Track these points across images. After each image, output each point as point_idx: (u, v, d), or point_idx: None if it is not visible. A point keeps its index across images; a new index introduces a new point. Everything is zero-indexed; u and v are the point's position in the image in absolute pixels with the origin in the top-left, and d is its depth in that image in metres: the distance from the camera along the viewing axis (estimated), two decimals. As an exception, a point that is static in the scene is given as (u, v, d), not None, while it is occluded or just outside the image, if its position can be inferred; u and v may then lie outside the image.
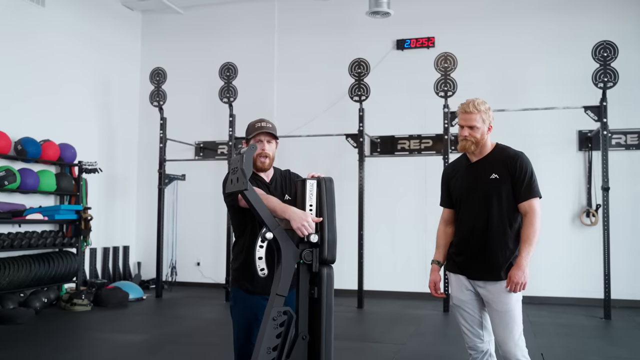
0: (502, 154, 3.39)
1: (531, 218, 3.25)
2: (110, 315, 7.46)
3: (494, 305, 3.29)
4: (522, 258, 3.22)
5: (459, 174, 3.52)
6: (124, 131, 10.25)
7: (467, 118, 3.37)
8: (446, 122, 8.04)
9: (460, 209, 3.47)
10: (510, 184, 3.31)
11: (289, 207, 2.84)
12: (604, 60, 7.46)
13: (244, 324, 3.14)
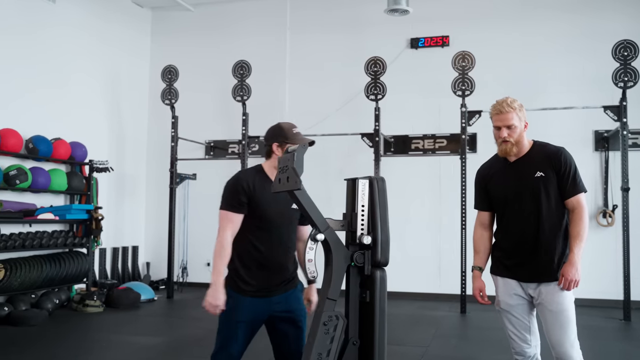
0: (544, 150, 3.30)
1: (580, 213, 3.17)
2: (123, 316, 7.35)
3: (548, 305, 3.18)
4: (574, 255, 3.12)
5: (497, 174, 3.40)
6: (133, 130, 10.13)
7: (503, 118, 3.27)
8: (463, 121, 7.95)
9: (506, 211, 3.35)
10: (555, 180, 3.22)
11: (217, 283, 3.08)
12: (624, 59, 7.38)
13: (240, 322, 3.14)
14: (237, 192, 3.13)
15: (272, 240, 3.18)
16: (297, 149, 2.62)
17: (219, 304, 3.08)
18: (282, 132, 3.18)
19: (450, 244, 8.59)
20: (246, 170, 3.35)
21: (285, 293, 3.22)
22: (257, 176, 3.20)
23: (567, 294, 3.17)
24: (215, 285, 3.08)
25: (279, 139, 3.17)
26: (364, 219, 2.69)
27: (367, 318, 2.67)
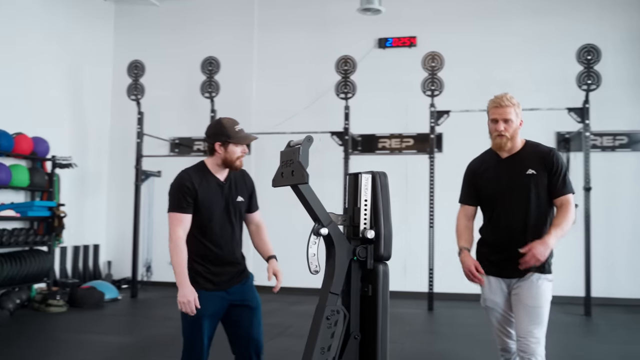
0: (536, 149, 3.34)
1: (567, 209, 3.20)
2: (88, 316, 7.17)
3: (524, 299, 3.20)
4: (550, 236, 3.11)
5: (489, 171, 3.42)
6: (96, 125, 9.89)
7: (501, 112, 3.31)
8: (432, 121, 8.06)
9: (495, 206, 3.37)
10: (546, 179, 3.26)
11: (183, 281, 3.10)
12: (588, 63, 7.62)
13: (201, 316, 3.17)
14: (183, 193, 3.21)
15: (222, 235, 3.27)
16: (302, 142, 2.61)
17: (192, 300, 3.11)
18: (224, 131, 3.23)
19: (417, 243, 8.69)
20: (188, 169, 3.37)
21: (240, 284, 3.32)
22: (200, 174, 3.29)
23: (543, 294, 3.20)
24: (182, 283, 3.13)
25: (222, 137, 3.23)
26: (367, 213, 2.70)
27: (369, 312, 2.68)
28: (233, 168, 3.31)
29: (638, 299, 8.30)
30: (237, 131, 3.26)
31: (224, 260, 3.28)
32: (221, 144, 3.24)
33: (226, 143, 3.23)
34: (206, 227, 3.25)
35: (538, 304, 3.19)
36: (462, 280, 3.45)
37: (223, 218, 3.29)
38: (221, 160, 3.29)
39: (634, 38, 8.75)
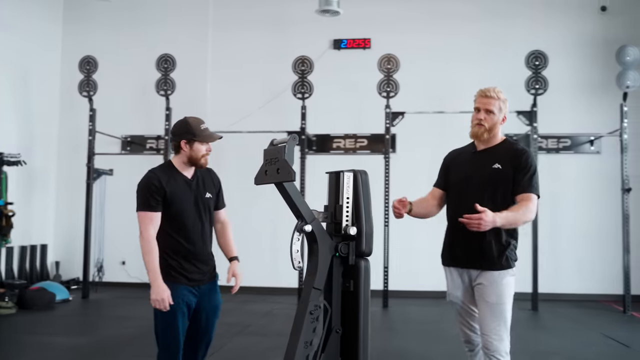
0: (510, 147, 3.37)
1: (525, 204, 3.19)
2: (40, 317, 6.96)
3: (486, 296, 3.21)
4: (499, 215, 3.08)
5: (461, 159, 3.49)
6: (44, 123, 9.60)
7: (485, 102, 3.35)
8: (388, 122, 8.21)
9: (457, 194, 3.42)
10: (511, 176, 3.26)
11: (156, 279, 3.15)
12: (535, 68, 7.94)
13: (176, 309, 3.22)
14: (151, 192, 3.25)
15: (193, 231, 3.35)
16: (287, 140, 2.66)
17: (165, 297, 3.16)
18: (189, 129, 3.31)
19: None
20: (155, 168, 3.42)
21: (210, 283, 3.41)
22: (167, 172, 3.35)
23: (505, 291, 3.20)
24: (156, 281, 3.17)
25: (187, 136, 3.31)
26: (348, 210, 2.77)
27: (351, 307, 2.75)
28: (198, 166, 3.39)
29: (581, 294, 8.69)
30: (203, 130, 3.35)
31: (197, 256, 3.35)
32: (187, 141, 3.32)
33: (192, 141, 3.31)
34: (178, 223, 3.31)
35: (500, 301, 3.20)
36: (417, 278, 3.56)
37: (193, 214, 3.36)
38: (187, 158, 3.36)
39: (577, 45, 9.16)
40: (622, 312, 7.75)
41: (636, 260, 8.25)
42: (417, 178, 8.99)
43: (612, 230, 8.48)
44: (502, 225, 3.13)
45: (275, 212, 9.27)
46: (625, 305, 7.78)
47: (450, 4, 9.42)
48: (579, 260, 8.87)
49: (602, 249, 8.77)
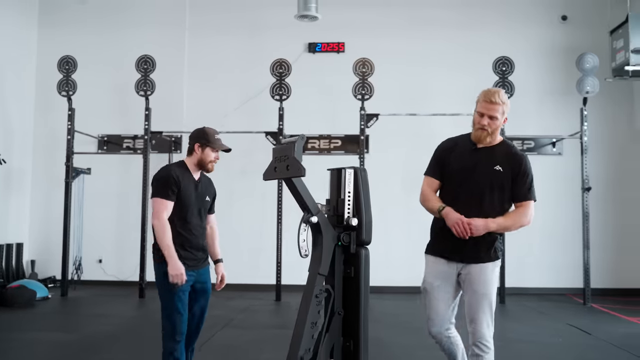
0: (509, 150, 3.50)
1: (522, 211, 3.42)
2: (21, 315, 7.03)
3: (475, 286, 3.38)
4: (493, 221, 3.32)
5: (460, 153, 3.54)
6: (19, 122, 9.61)
7: (490, 108, 3.42)
8: (362, 123, 8.51)
9: (454, 189, 3.51)
10: (509, 180, 3.40)
11: (173, 256, 3.56)
12: (502, 73, 8.36)
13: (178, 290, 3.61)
14: (170, 183, 3.68)
15: (195, 225, 3.79)
16: (295, 140, 2.92)
17: (183, 271, 3.58)
18: (205, 136, 3.81)
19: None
20: (172, 164, 3.90)
21: (205, 268, 3.87)
22: (182, 170, 3.80)
23: (492, 281, 3.41)
24: (172, 258, 3.59)
25: (202, 140, 3.80)
26: (350, 203, 3.04)
27: (352, 291, 3.03)
28: (205, 169, 3.85)
29: (545, 287, 9.16)
30: (216, 139, 3.83)
31: (196, 246, 3.79)
32: (200, 145, 3.81)
33: (204, 146, 3.80)
34: (185, 216, 3.73)
35: (488, 291, 3.38)
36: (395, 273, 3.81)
37: (195, 211, 3.80)
38: (197, 160, 3.81)
39: (541, 53, 9.64)
40: (582, 304, 8.22)
41: (595, 256, 8.76)
42: (390, 178, 9.43)
43: (573, 228, 8.97)
44: (495, 230, 3.36)
45: (253, 212, 9.53)
46: (585, 297, 8.26)
47: (423, 11, 9.80)
48: (542, 256, 9.33)
49: (563, 246, 9.25)
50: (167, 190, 3.64)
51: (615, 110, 9.55)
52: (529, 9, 9.77)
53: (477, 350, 3.37)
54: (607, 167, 9.45)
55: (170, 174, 3.70)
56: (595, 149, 9.05)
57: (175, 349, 3.62)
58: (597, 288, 8.74)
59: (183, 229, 3.70)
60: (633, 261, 9.36)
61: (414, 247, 5.05)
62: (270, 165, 3.05)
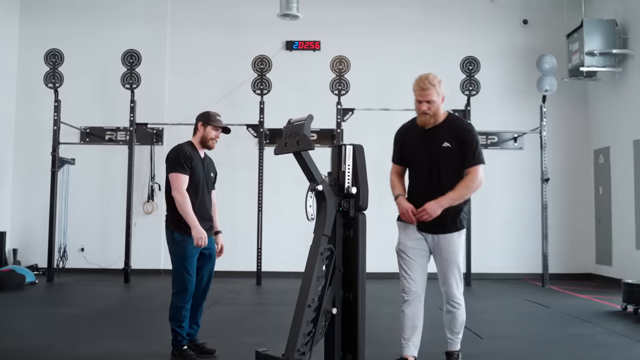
0: (454, 123, 3.88)
1: (470, 177, 3.76)
2: (14, 295, 7.34)
3: (444, 254, 3.79)
4: (444, 198, 3.67)
5: (413, 138, 3.94)
6: (1, 114, 9.82)
7: (424, 94, 3.83)
8: (339, 117, 9.03)
9: (415, 171, 3.92)
10: (459, 151, 3.76)
11: (195, 224, 4.05)
12: (469, 72, 8.98)
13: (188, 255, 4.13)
14: (184, 158, 4.18)
15: (203, 198, 4.28)
16: (305, 120, 3.39)
17: (205, 235, 4.11)
18: (207, 116, 4.36)
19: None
20: (182, 144, 4.38)
21: (211, 236, 4.33)
22: (191, 148, 4.30)
23: (459, 248, 3.85)
24: (195, 224, 4.10)
25: (204, 119, 4.34)
26: (349, 174, 3.53)
27: (351, 251, 3.52)
28: (207, 146, 4.35)
29: (506, 273, 9.80)
30: (217, 119, 4.37)
31: (206, 216, 4.30)
32: (202, 124, 4.35)
33: (206, 124, 4.33)
34: (196, 189, 4.21)
35: (455, 257, 3.82)
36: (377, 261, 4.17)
37: (203, 184, 4.29)
38: (200, 138, 4.32)
39: (504, 53, 10.30)
40: (541, 286, 8.89)
41: (553, 243, 9.46)
42: (364, 169, 9.94)
43: (532, 217, 9.66)
44: (450, 204, 3.70)
45: (232, 201, 9.92)
46: (544, 280, 8.93)
47: (394, 11, 10.36)
48: (504, 243, 9.99)
49: (524, 234, 9.91)
50: (182, 165, 4.12)
51: (571, 107, 10.27)
52: (494, 13, 10.43)
53: (450, 307, 3.89)
54: (564, 160, 10.16)
55: (182, 151, 4.18)
56: (553, 144, 9.75)
57: (183, 305, 4.11)
58: (554, 273, 9.44)
59: (195, 200, 4.16)
60: (585, 250, 10.10)
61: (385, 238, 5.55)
62: (280, 142, 3.52)
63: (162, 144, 10.08)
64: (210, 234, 4.31)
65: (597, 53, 9.09)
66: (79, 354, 4.41)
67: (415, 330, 3.83)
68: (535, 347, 4.81)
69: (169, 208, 4.22)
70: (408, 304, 3.83)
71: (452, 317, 3.90)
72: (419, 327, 3.84)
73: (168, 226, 4.20)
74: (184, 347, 4.07)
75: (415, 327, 3.83)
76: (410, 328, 3.81)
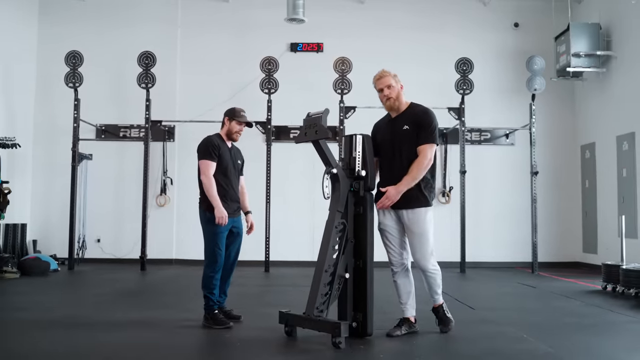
0: (415, 110, 4.42)
1: (420, 158, 4.20)
2: (42, 281, 7.90)
3: (413, 228, 4.26)
4: (401, 184, 4.15)
5: (382, 127, 4.52)
6: (21, 111, 10.39)
7: (383, 81, 4.44)
8: (342, 114, 9.63)
9: (382, 154, 4.39)
10: (416, 133, 4.26)
11: (218, 204, 4.62)
12: (463, 72, 9.60)
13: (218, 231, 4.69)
14: (213, 147, 4.80)
15: (230, 181, 4.87)
16: (322, 113, 4.00)
17: (226, 215, 4.70)
18: (233, 111, 4.98)
19: (323, 219, 10.20)
20: (211, 135, 4.99)
21: (239, 217, 4.97)
22: (219, 139, 4.92)
23: (427, 221, 4.29)
24: (218, 205, 4.70)
25: (230, 115, 4.97)
26: (359, 160, 4.15)
27: (360, 225, 4.13)
28: (231, 138, 4.97)
29: (499, 261, 10.42)
30: (241, 115, 4.98)
31: (233, 198, 4.90)
32: (228, 118, 4.95)
33: (231, 119, 4.94)
34: (225, 174, 4.82)
35: (422, 230, 4.27)
36: None
37: (232, 170, 4.89)
38: (226, 131, 4.96)
39: (496, 55, 10.93)
40: (531, 273, 9.50)
41: (542, 233, 10.10)
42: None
43: (523, 209, 10.27)
44: (408, 187, 4.17)
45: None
46: (534, 267, 9.55)
47: (394, 14, 10.99)
48: (496, 234, 10.61)
49: (515, 224, 10.52)
50: (210, 153, 4.73)
51: (559, 105, 10.92)
52: (487, 16, 11.05)
53: (427, 275, 4.38)
54: (553, 155, 10.79)
55: (211, 141, 4.80)
56: (542, 140, 10.37)
57: (214, 275, 4.71)
58: (544, 262, 10.06)
59: (224, 184, 4.77)
60: (573, 239, 10.74)
61: None
62: (300, 132, 4.14)
63: (174, 140, 10.67)
64: (237, 214, 4.91)
65: (582, 55, 9.72)
66: (117, 319, 5.00)
67: (410, 295, 4.41)
68: (520, 315, 5.43)
69: (201, 191, 4.80)
70: (398, 275, 4.42)
71: (429, 283, 4.40)
72: (412, 291, 4.42)
73: (201, 206, 4.80)
74: (215, 311, 4.66)
75: (409, 292, 4.41)
76: (405, 294, 4.40)
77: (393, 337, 4.23)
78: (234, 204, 4.85)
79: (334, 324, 3.86)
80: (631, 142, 9.00)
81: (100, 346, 4.03)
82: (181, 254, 10.48)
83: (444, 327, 4.44)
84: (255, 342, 4.13)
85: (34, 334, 4.46)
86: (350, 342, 3.99)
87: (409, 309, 4.41)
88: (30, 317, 5.12)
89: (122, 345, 4.05)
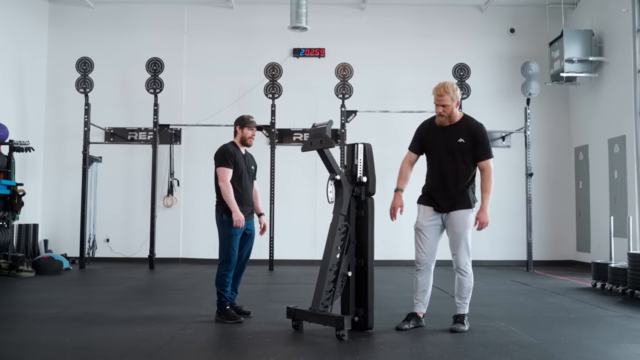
0: (469, 123, 4.64)
1: (488, 174, 4.57)
2: (56, 279, 8.24)
3: (454, 228, 4.59)
4: (485, 205, 4.51)
5: (432, 133, 4.71)
6: (32, 115, 10.74)
7: (440, 99, 4.61)
8: (343, 119, 9.97)
9: (434, 161, 4.68)
10: (471, 146, 4.54)
11: (236, 209, 4.96)
12: (460, 77, 9.94)
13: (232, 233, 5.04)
14: (229, 155, 5.14)
15: (246, 187, 5.23)
16: (327, 124, 4.35)
17: (243, 218, 5.06)
18: (243, 119, 5.31)
19: (326, 220, 10.55)
20: (226, 143, 5.33)
21: (252, 219, 5.31)
22: (234, 147, 5.26)
23: (468, 223, 4.61)
24: (235, 209, 5.05)
25: (241, 123, 5.30)
26: (361, 166, 4.49)
27: (362, 227, 4.48)
28: (246, 144, 5.31)
29: (494, 260, 10.77)
30: (251, 121, 5.30)
31: (247, 202, 5.22)
32: (240, 127, 5.28)
33: (242, 127, 5.26)
34: (239, 180, 5.15)
35: (463, 231, 4.60)
36: None
37: (246, 176, 5.23)
38: (240, 138, 5.28)
39: (492, 60, 11.27)
40: (525, 271, 9.85)
41: (537, 233, 10.47)
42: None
43: (518, 209, 10.61)
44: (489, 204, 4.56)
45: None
46: (528, 266, 9.89)
47: (393, 21, 11.34)
48: (493, 233, 10.88)
49: (511, 224, 10.86)
50: (227, 160, 5.06)
51: (553, 109, 11.28)
52: (483, 23, 11.40)
53: (459, 275, 4.70)
54: (547, 157, 11.15)
55: (227, 149, 5.13)
56: (536, 143, 10.73)
57: (227, 273, 5.05)
58: (539, 260, 10.42)
59: (240, 189, 5.10)
60: (567, 238, 11.09)
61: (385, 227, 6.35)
62: (306, 141, 4.48)
63: (180, 143, 11.02)
64: (251, 217, 5.24)
65: (575, 60, 10.06)
66: (135, 315, 5.34)
67: (425, 294, 4.74)
68: (511, 311, 5.77)
69: (218, 196, 5.13)
70: (420, 273, 4.73)
71: (460, 284, 4.70)
72: (428, 291, 4.74)
73: (218, 209, 5.13)
74: (227, 307, 5.00)
75: (425, 291, 4.73)
76: (422, 292, 4.73)
77: (401, 331, 4.57)
78: (248, 207, 5.20)
79: (338, 318, 4.21)
80: (622, 145, 9.35)
81: (121, 339, 4.37)
82: (188, 253, 10.84)
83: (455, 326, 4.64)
84: (266, 335, 4.48)
85: (54, 329, 4.79)
86: (353, 335, 4.35)
87: (421, 305, 4.75)
88: (49, 312, 5.47)
89: (141, 339, 4.38)
